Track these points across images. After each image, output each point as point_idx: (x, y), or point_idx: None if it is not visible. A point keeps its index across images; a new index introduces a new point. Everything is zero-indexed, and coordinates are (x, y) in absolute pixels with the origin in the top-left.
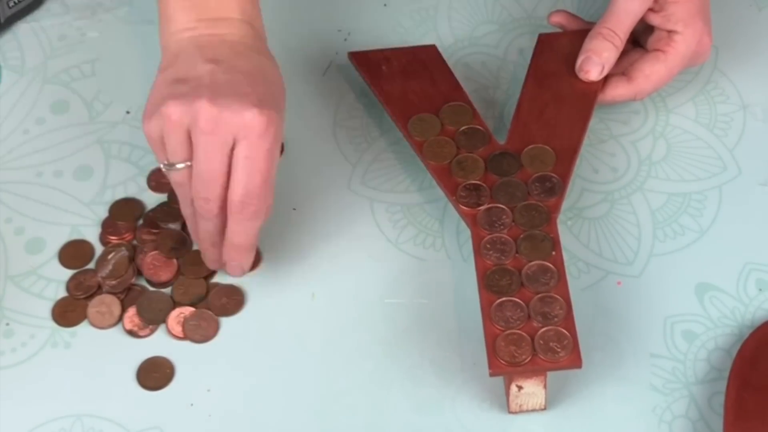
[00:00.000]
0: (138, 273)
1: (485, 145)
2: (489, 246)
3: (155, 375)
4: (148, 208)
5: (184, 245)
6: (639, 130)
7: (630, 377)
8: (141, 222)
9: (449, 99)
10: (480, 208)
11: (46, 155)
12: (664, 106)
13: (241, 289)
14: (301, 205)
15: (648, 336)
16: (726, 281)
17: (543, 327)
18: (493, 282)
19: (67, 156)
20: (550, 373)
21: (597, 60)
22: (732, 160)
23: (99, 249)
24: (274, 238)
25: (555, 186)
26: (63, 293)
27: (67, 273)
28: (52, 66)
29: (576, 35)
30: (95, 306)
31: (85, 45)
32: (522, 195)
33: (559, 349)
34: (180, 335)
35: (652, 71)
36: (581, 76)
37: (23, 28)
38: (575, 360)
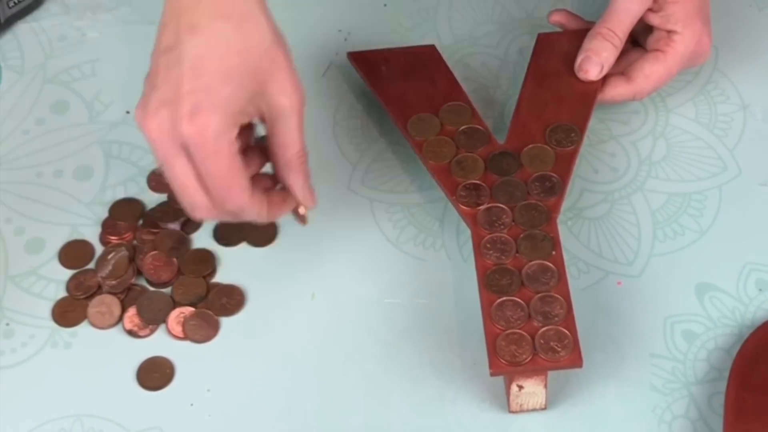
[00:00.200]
0: (138, 273)
1: (485, 145)
2: (489, 246)
3: (155, 375)
4: (148, 208)
5: (183, 245)
6: (639, 130)
7: (630, 377)
8: (141, 222)
9: (449, 99)
10: (480, 207)
11: (46, 155)
12: (664, 106)
13: (241, 289)
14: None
15: (648, 336)
16: (726, 281)
17: (543, 326)
18: (494, 281)
19: (67, 156)
20: (550, 373)
21: (596, 60)
22: (732, 160)
23: (99, 249)
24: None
25: (555, 185)
26: (63, 293)
27: (67, 273)
28: (52, 66)
29: (575, 35)
30: (95, 306)
31: (85, 45)
32: (522, 194)
33: (560, 349)
34: (180, 335)
35: (651, 71)
36: (580, 75)
37: (23, 28)
38: (576, 359)
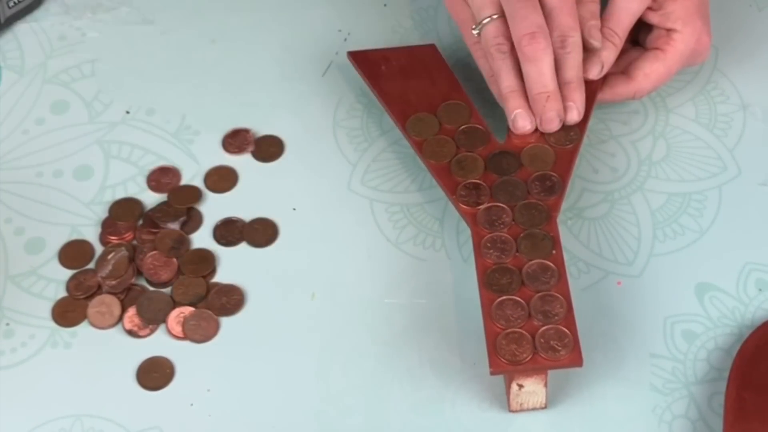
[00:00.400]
0: (138, 273)
1: (485, 144)
2: (489, 245)
3: (155, 375)
4: (148, 208)
5: (183, 245)
6: (639, 130)
7: (630, 377)
8: (141, 222)
9: (448, 98)
10: (480, 207)
11: (46, 155)
12: (664, 106)
13: (241, 289)
14: (301, 205)
15: (648, 336)
16: (726, 281)
17: (543, 325)
18: (494, 281)
19: (67, 156)
20: (550, 373)
21: (596, 59)
22: (732, 160)
23: (99, 249)
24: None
25: (555, 185)
26: (63, 293)
27: (67, 273)
28: (52, 66)
29: None
30: (95, 306)
31: (85, 45)
32: (522, 194)
33: (560, 348)
34: (180, 335)
35: (651, 70)
36: None
37: (23, 28)
38: (576, 358)
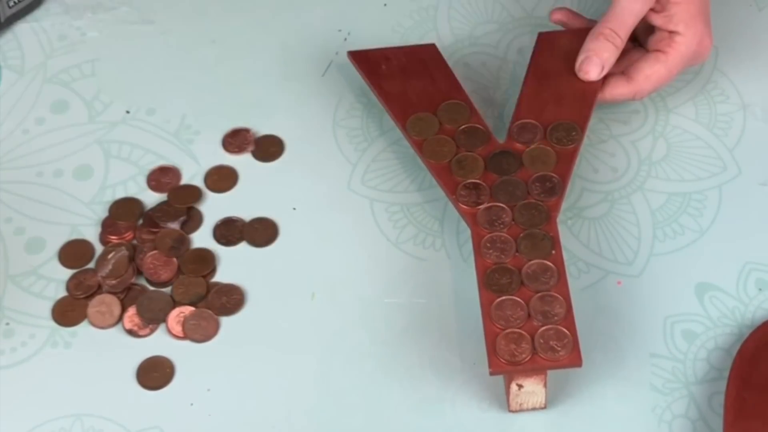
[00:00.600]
0: (138, 272)
1: (485, 144)
2: (489, 245)
3: (155, 375)
4: (147, 207)
5: (183, 244)
6: (639, 129)
7: (630, 377)
8: (141, 221)
9: (448, 98)
10: (480, 207)
11: (45, 155)
12: (664, 105)
13: (241, 289)
14: (301, 205)
15: (648, 336)
16: (726, 281)
17: (543, 326)
18: (493, 281)
19: (67, 156)
20: (550, 373)
21: (597, 60)
22: (732, 160)
23: (99, 249)
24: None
25: (555, 186)
26: (63, 293)
27: (67, 273)
28: (52, 66)
29: (576, 34)
30: (95, 306)
31: (85, 45)
32: (522, 194)
33: (559, 348)
34: (180, 335)
35: (652, 71)
36: (581, 75)
37: (23, 28)
38: (575, 359)
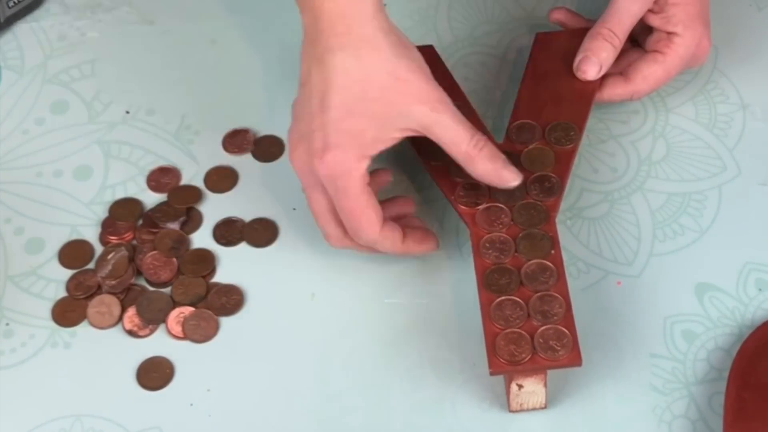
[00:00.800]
0: (138, 273)
1: None
2: (488, 245)
3: (155, 375)
4: (147, 208)
5: (183, 245)
6: (639, 130)
7: (630, 377)
8: (141, 222)
9: None
10: (479, 207)
11: (45, 155)
12: (663, 106)
13: (241, 289)
14: (301, 205)
15: (648, 336)
16: (726, 281)
17: (543, 325)
18: (493, 281)
19: (67, 156)
20: (550, 373)
21: (595, 60)
22: (732, 160)
23: (99, 249)
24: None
25: (554, 186)
26: (63, 293)
27: (67, 273)
28: (51, 66)
29: (574, 34)
30: (95, 306)
31: (85, 45)
32: (521, 194)
33: (559, 348)
34: (180, 335)
35: (649, 72)
36: (579, 75)
37: (23, 28)
38: (575, 358)
